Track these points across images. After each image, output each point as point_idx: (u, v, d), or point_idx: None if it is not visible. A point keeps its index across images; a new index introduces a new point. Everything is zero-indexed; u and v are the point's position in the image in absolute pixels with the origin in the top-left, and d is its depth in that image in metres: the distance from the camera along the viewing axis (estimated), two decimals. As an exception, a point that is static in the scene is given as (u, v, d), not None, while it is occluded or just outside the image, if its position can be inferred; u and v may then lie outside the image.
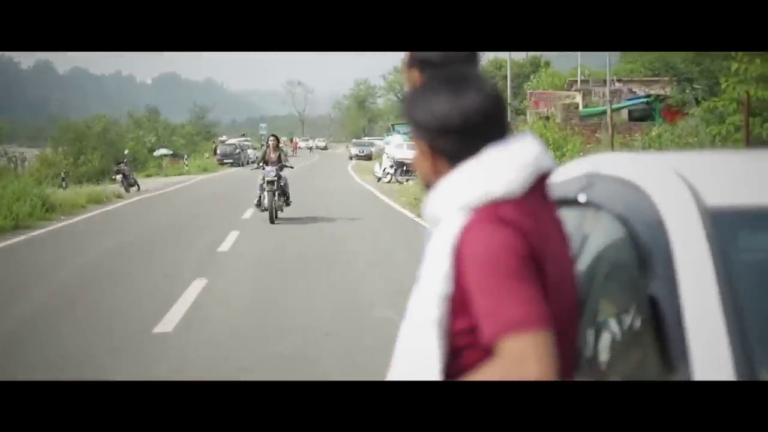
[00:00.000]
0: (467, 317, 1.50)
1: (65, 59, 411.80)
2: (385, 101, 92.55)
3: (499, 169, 1.55)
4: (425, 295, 1.56)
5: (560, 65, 56.40)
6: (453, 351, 1.55)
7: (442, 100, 1.60)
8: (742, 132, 11.45)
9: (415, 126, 1.66)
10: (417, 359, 1.56)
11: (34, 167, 34.54)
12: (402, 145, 30.81)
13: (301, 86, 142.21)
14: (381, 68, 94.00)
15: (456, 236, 1.52)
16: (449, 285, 1.52)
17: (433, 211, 1.63)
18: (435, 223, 1.62)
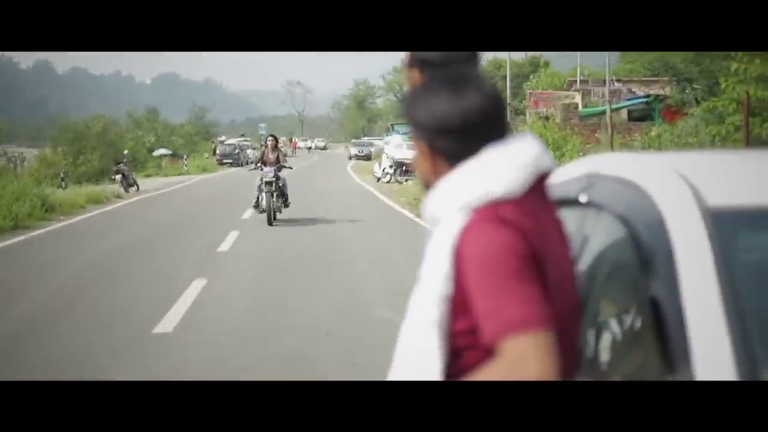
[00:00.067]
0: (468, 318, 1.50)
1: (64, 59, 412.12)
2: (385, 101, 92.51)
3: (499, 169, 1.55)
4: (425, 296, 1.56)
5: (560, 65, 56.42)
6: (453, 352, 1.54)
7: (442, 100, 1.60)
8: (742, 132, 11.46)
9: (415, 126, 1.65)
10: (417, 360, 1.55)
11: (34, 167, 34.54)
12: (401, 145, 30.79)
13: (301, 86, 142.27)
14: (380, 68, 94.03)
15: (456, 236, 1.52)
16: (449, 285, 1.52)
17: (433, 212, 1.62)
18: (435, 224, 1.62)
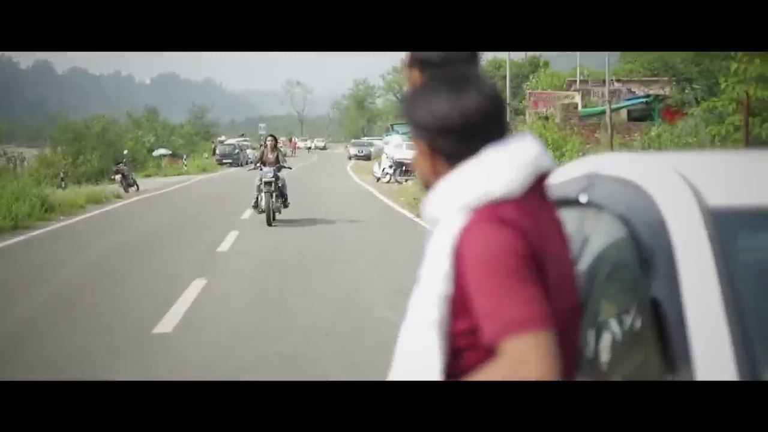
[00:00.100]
0: (468, 318, 1.50)
1: (64, 59, 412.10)
2: (384, 101, 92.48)
3: (499, 169, 1.55)
4: (425, 296, 1.56)
5: (559, 65, 56.41)
6: (454, 352, 1.54)
7: (442, 100, 1.60)
8: (742, 132, 11.46)
9: (415, 126, 1.65)
10: (417, 360, 1.55)
11: (33, 167, 34.51)
12: (401, 145, 30.77)
13: (300, 86, 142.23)
14: (380, 68, 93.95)
15: (456, 237, 1.52)
16: (449, 286, 1.51)
17: (433, 212, 1.62)
18: (434, 224, 1.62)
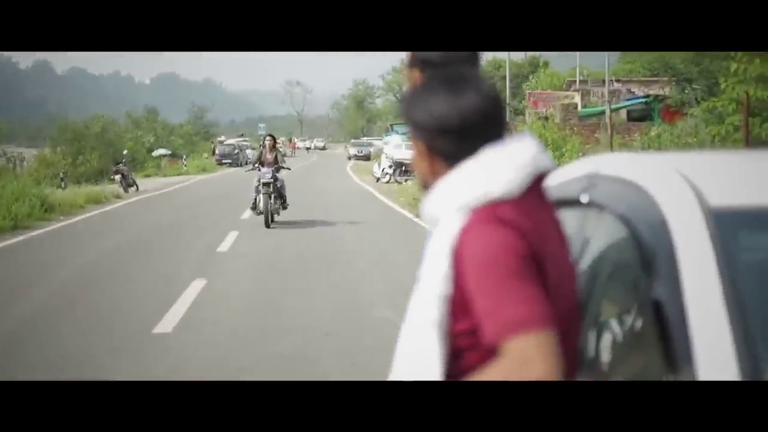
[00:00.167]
0: (468, 318, 1.50)
1: (64, 59, 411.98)
2: (384, 101, 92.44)
3: (497, 170, 1.55)
4: (425, 297, 1.56)
5: (559, 65, 56.41)
6: (454, 352, 1.54)
7: (441, 101, 1.60)
8: (742, 132, 11.46)
9: (414, 126, 1.65)
10: (417, 361, 1.55)
11: (33, 167, 34.50)
12: (401, 146, 30.74)
13: (300, 86, 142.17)
14: (379, 68, 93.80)
15: (455, 237, 1.52)
16: (449, 286, 1.51)
17: (432, 212, 1.62)
18: (434, 224, 1.62)
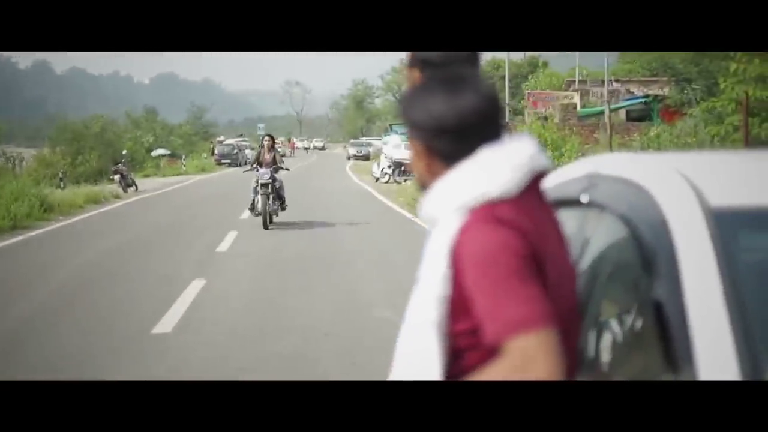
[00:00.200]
0: (468, 318, 1.50)
1: (63, 59, 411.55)
2: (383, 101, 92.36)
3: (495, 169, 1.55)
4: (424, 297, 1.56)
5: (558, 65, 56.38)
6: (454, 352, 1.54)
7: (439, 101, 1.60)
8: (741, 132, 11.46)
9: (412, 126, 1.66)
10: (417, 361, 1.55)
11: (32, 167, 34.51)
12: (400, 146, 30.68)
13: (299, 86, 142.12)
14: (379, 68, 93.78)
15: (453, 237, 1.52)
16: (448, 287, 1.51)
17: (430, 213, 1.62)
18: (432, 224, 1.62)
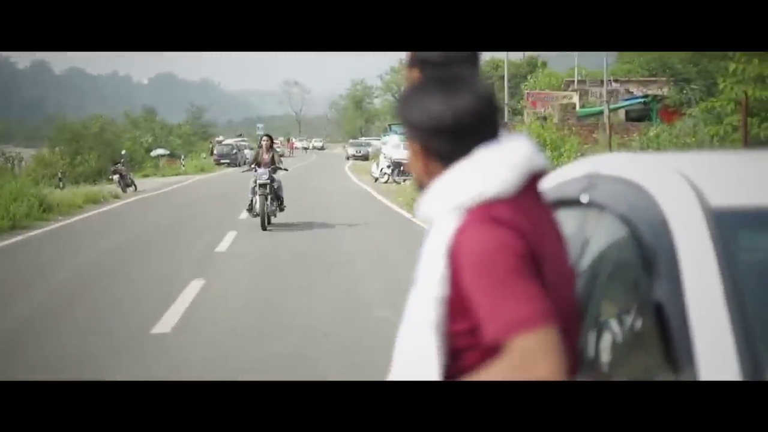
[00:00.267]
0: (466, 319, 1.50)
1: (62, 59, 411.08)
2: (382, 101, 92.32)
3: (492, 169, 1.55)
4: (422, 298, 1.56)
5: (557, 65, 56.38)
6: (452, 352, 1.54)
7: (435, 101, 1.60)
8: (740, 132, 11.46)
9: (409, 126, 1.66)
10: (416, 361, 1.55)
11: (31, 167, 34.49)
12: (399, 146, 30.58)
13: (298, 86, 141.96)
14: (378, 68, 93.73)
15: (450, 237, 1.52)
16: (445, 287, 1.51)
17: (427, 213, 1.62)
18: (429, 225, 1.62)
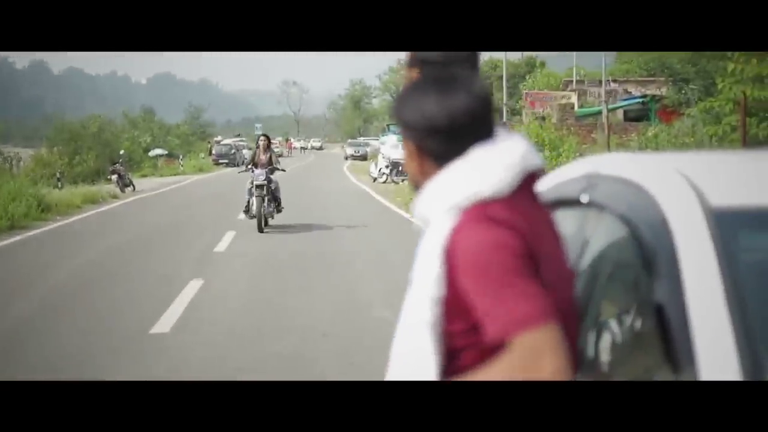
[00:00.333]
0: (463, 318, 1.50)
1: (60, 59, 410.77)
2: (381, 101, 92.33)
3: (487, 169, 1.55)
4: (418, 298, 1.55)
5: (556, 65, 56.40)
6: (450, 352, 1.54)
7: (430, 101, 1.60)
8: (739, 132, 11.47)
9: (404, 126, 1.66)
10: (412, 361, 1.55)
11: (30, 167, 34.45)
12: (397, 146, 30.63)
13: (297, 86, 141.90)
14: (376, 68, 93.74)
15: (446, 238, 1.51)
16: (441, 287, 1.51)
17: (422, 213, 1.62)
18: (426, 224, 1.62)
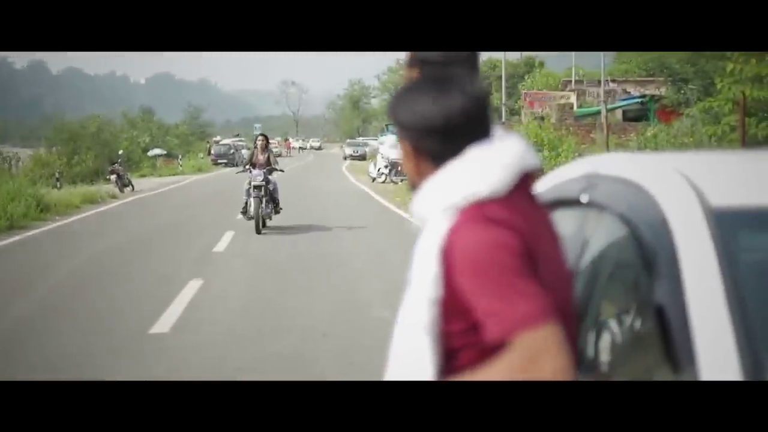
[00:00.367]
0: (461, 318, 1.50)
1: (59, 59, 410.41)
2: (380, 101, 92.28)
3: (484, 168, 1.55)
4: (415, 298, 1.55)
5: (555, 65, 56.38)
6: (448, 352, 1.54)
7: (426, 101, 1.60)
8: (738, 132, 11.47)
9: (400, 126, 1.66)
10: (410, 361, 1.55)
11: (28, 167, 34.42)
12: (396, 146, 30.49)
13: (296, 86, 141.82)
14: (375, 68, 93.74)
15: (443, 238, 1.51)
16: (439, 288, 1.51)
17: (419, 213, 1.62)
18: (423, 225, 1.62)
